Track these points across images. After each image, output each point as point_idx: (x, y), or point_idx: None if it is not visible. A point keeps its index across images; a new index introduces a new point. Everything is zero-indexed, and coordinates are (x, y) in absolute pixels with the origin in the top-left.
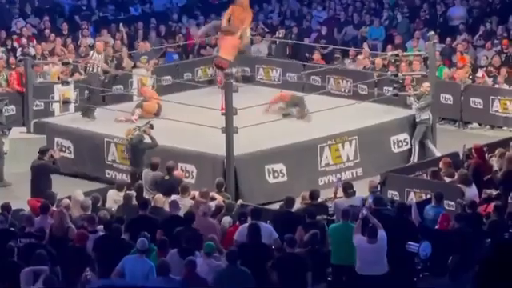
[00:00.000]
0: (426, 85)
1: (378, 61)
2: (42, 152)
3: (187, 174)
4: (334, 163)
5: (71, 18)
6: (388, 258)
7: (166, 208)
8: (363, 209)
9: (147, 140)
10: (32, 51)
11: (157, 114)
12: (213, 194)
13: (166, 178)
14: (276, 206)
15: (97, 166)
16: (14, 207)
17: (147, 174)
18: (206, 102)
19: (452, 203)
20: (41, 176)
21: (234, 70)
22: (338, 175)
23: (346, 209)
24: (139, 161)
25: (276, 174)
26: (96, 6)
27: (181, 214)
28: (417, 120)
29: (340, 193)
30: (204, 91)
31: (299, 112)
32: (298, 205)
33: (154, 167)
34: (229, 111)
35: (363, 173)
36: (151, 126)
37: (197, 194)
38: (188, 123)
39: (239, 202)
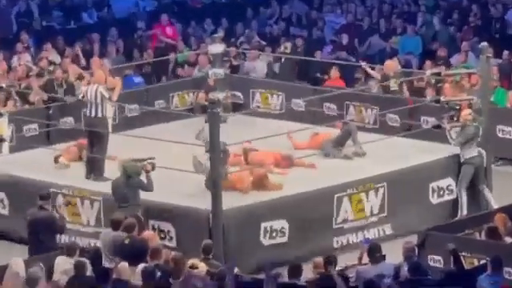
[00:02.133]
0: (466, 112)
1: (417, 83)
2: (43, 198)
3: (162, 235)
4: (354, 218)
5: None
6: None
7: (136, 279)
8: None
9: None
10: None
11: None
12: (193, 261)
13: (126, 241)
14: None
15: None
16: None
17: (106, 235)
18: (185, 137)
19: None
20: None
21: (221, 96)
22: (366, 235)
23: (371, 280)
24: (132, 199)
25: (274, 234)
26: (38, 12)
27: None
28: (461, 160)
29: (366, 258)
30: (181, 123)
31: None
32: (307, 274)
33: (115, 226)
34: (214, 148)
35: (392, 231)
36: (153, 166)
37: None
38: (161, 167)
39: (236, 270)
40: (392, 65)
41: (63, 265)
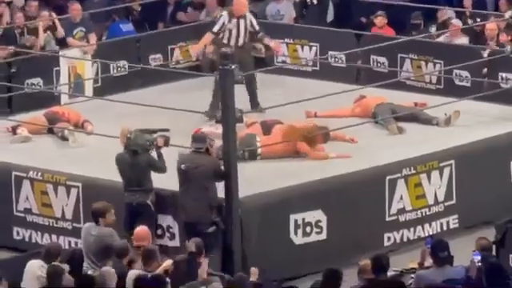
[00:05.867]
0: None
1: (492, 26)
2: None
3: (160, 232)
4: (412, 208)
5: None
6: None
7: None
8: None
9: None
10: None
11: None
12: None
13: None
14: (307, 284)
15: None
16: None
17: (89, 230)
18: (188, 104)
19: None
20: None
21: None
22: (428, 229)
23: (436, 285)
24: (146, 183)
25: (309, 229)
26: None
27: None
28: None
29: (428, 259)
30: (185, 85)
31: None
32: (351, 281)
33: (98, 217)
34: (229, 116)
35: (460, 223)
36: (166, 141)
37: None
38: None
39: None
40: None
41: (37, 270)
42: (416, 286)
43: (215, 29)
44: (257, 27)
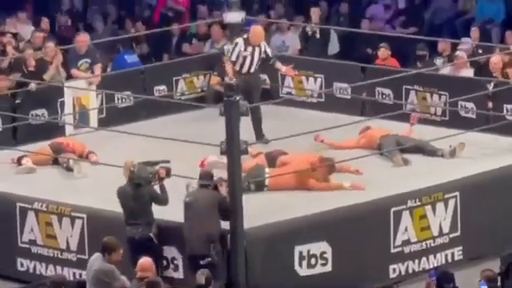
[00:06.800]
0: None
1: (497, 59)
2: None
3: (165, 263)
4: (417, 239)
5: None
6: None
7: None
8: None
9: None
10: None
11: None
12: None
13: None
14: None
15: (2, 253)
16: None
17: (94, 263)
18: (194, 135)
19: None
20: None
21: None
22: (433, 261)
23: None
24: (148, 216)
25: (314, 261)
26: None
27: None
28: None
29: None
30: (189, 116)
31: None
32: None
33: (106, 251)
34: (234, 147)
35: (464, 254)
36: (168, 172)
37: None
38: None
39: None
40: None
41: None
42: None
43: (233, 57)
44: (270, 54)
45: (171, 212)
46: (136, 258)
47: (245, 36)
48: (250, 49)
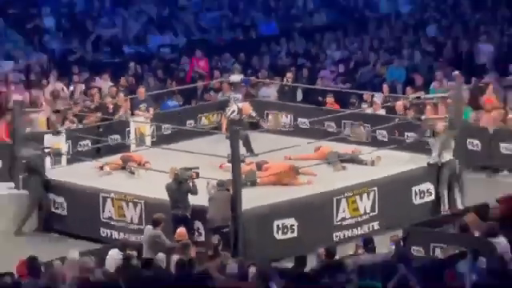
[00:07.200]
0: (440, 126)
1: (399, 104)
2: (154, 222)
3: (195, 232)
4: (350, 216)
5: (62, 62)
6: None
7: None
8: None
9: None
10: (18, 98)
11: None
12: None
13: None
14: (285, 264)
15: (91, 224)
16: None
17: (147, 231)
18: (211, 151)
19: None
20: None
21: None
22: (360, 230)
23: (367, 266)
24: (185, 202)
25: (285, 230)
26: (91, 48)
27: None
28: (439, 164)
29: (361, 250)
30: (208, 139)
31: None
32: (312, 263)
33: (155, 224)
34: (236, 159)
35: (380, 227)
36: (198, 174)
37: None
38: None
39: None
40: None
41: (116, 256)
42: (353, 266)
43: (227, 115)
44: (255, 116)
45: (199, 200)
46: (176, 228)
47: (240, 105)
48: (238, 115)
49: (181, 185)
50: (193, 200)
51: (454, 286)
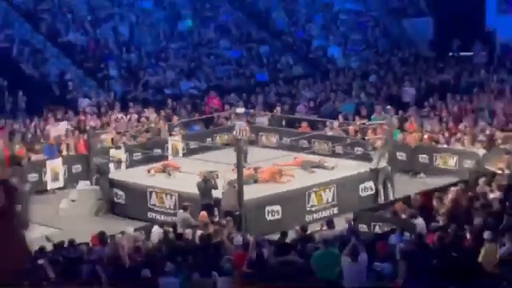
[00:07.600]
0: (379, 143)
1: (351, 128)
2: (184, 208)
3: (215, 215)
4: (317, 204)
5: (122, 99)
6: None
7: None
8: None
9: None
10: (92, 124)
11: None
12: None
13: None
14: (273, 238)
15: (141, 209)
16: (78, 241)
17: (179, 214)
18: (224, 160)
19: (408, 234)
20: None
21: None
22: (324, 214)
23: (330, 238)
24: (210, 195)
25: (273, 213)
26: (142, 90)
27: None
28: (378, 169)
29: (324, 227)
30: (222, 152)
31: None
32: (292, 236)
33: (185, 209)
34: (240, 165)
35: (338, 211)
36: (217, 175)
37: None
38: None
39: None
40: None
41: (157, 231)
42: (319, 239)
43: (235, 136)
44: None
45: (218, 194)
46: (201, 211)
47: (242, 129)
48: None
49: (207, 183)
50: (214, 194)
51: (387, 252)
